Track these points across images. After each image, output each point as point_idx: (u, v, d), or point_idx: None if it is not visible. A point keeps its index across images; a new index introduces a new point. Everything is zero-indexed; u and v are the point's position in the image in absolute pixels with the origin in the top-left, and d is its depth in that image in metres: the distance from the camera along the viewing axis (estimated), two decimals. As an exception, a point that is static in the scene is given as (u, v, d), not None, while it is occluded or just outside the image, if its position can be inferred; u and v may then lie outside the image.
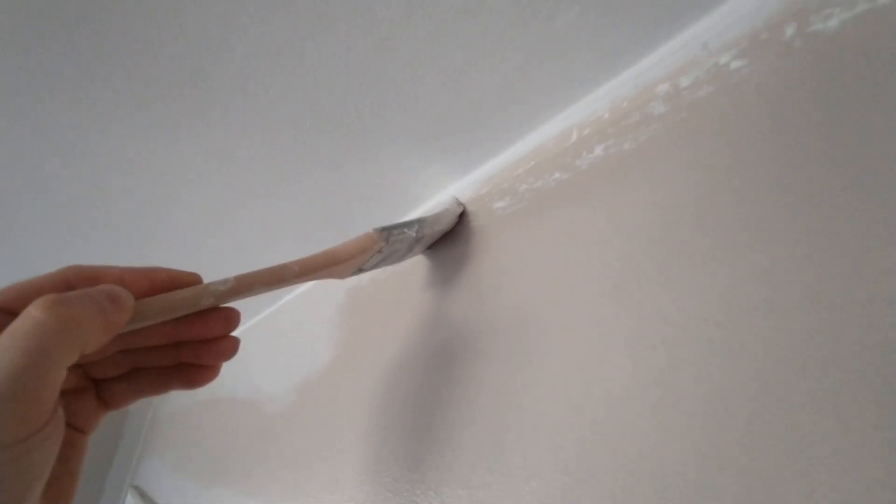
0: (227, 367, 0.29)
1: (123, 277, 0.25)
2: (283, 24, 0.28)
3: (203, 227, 0.54)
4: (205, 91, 0.33)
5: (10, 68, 0.32)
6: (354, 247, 0.33)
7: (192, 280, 0.26)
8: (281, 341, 0.67)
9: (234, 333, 0.29)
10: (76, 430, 0.26)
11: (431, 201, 0.45)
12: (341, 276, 0.35)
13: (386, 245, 0.34)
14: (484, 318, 0.34)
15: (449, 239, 0.41)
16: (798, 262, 0.19)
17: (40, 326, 0.20)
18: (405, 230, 0.35)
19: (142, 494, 0.93)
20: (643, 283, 0.24)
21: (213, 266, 0.62)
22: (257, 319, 0.75)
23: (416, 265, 0.44)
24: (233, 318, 0.28)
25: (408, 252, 0.39)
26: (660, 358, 0.23)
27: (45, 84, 0.33)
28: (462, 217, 0.40)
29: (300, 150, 0.39)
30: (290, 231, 0.53)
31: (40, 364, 0.19)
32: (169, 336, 0.27)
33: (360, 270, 0.36)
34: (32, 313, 0.20)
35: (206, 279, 0.27)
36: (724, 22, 0.25)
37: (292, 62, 0.30)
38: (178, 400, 0.96)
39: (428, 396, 0.36)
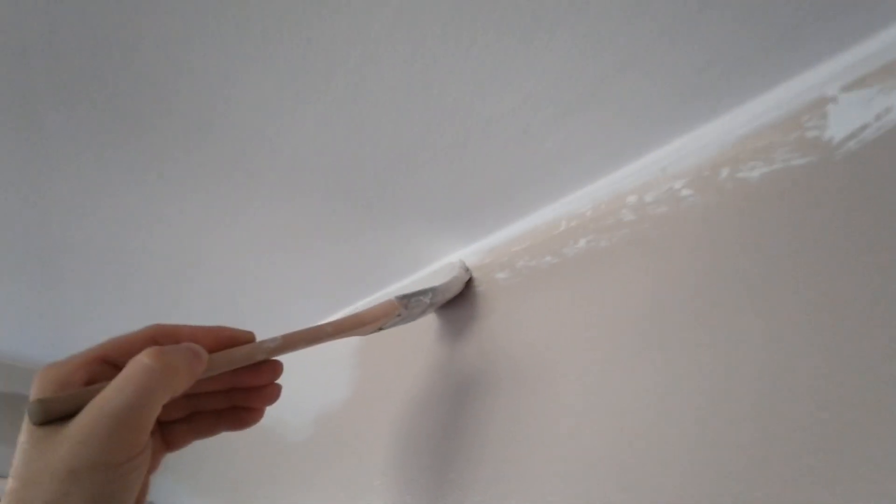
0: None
1: (196, 335, 0.30)
2: (315, 113, 0.34)
3: (232, 283, 0.60)
4: (240, 163, 0.39)
5: (37, 126, 0.37)
6: (378, 312, 0.39)
7: (248, 337, 0.32)
8: (300, 374, 0.73)
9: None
10: None
11: (438, 264, 0.51)
12: (364, 333, 0.41)
13: (405, 311, 0.40)
14: (485, 376, 0.40)
15: (456, 299, 0.47)
16: (707, 368, 0.25)
17: (150, 371, 0.25)
18: (421, 297, 0.41)
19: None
20: (607, 363, 0.30)
21: (242, 319, 0.69)
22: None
23: (428, 320, 0.50)
24: (278, 369, 0.34)
25: (421, 314, 0.45)
26: (627, 434, 0.28)
27: (67, 146, 0.39)
28: (469, 283, 0.46)
29: (326, 219, 0.45)
30: (313, 289, 0.59)
31: (148, 400, 0.25)
32: (226, 383, 0.33)
33: (380, 329, 0.42)
34: (143, 360, 0.25)
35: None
36: (679, 152, 0.31)
37: (324, 146, 0.37)
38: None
39: (439, 438, 0.42)
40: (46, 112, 0.36)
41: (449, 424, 0.41)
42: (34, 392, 0.27)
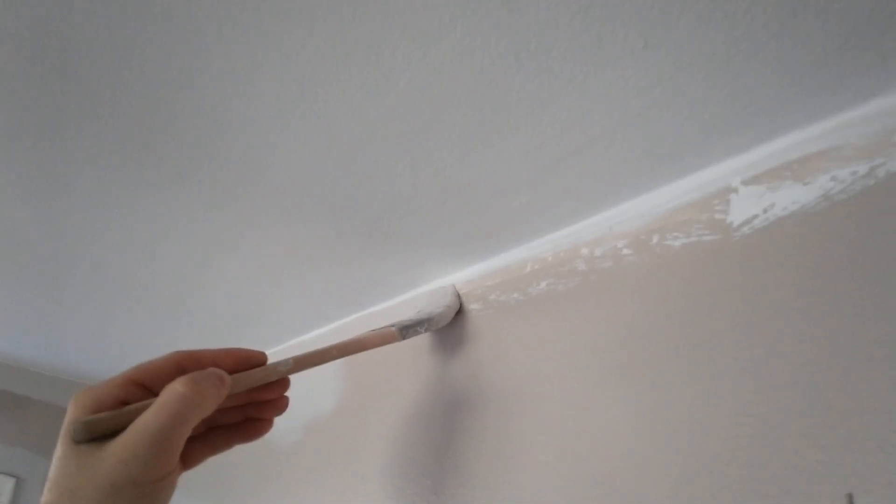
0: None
1: (217, 358, 0.33)
2: (320, 162, 0.40)
3: (229, 299, 0.65)
4: (246, 187, 0.43)
5: (40, 148, 0.40)
6: (378, 340, 0.43)
7: (261, 357, 0.36)
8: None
9: None
10: None
11: (421, 288, 0.57)
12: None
13: (402, 340, 0.44)
14: (475, 397, 0.46)
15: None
16: (637, 406, 0.32)
17: (183, 398, 0.28)
18: (419, 329, 0.45)
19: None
20: (556, 391, 0.37)
21: (238, 330, 0.74)
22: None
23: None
24: (286, 384, 0.38)
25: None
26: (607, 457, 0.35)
27: (79, 165, 0.42)
28: (458, 311, 0.50)
29: (324, 245, 0.51)
30: (307, 306, 0.64)
31: (180, 424, 0.28)
32: (242, 399, 0.36)
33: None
34: (177, 388, 0.28)
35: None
36: (623, 215, 0.37)
37: (325, 189, 0.42)
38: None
39: (430, 451, 0.48)
40: (65, 131, 0.39)
41: (440, 439, 0.47)
42: (72, 411, 0.29)
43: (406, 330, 0.44)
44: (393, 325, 0.44)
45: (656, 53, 0.27)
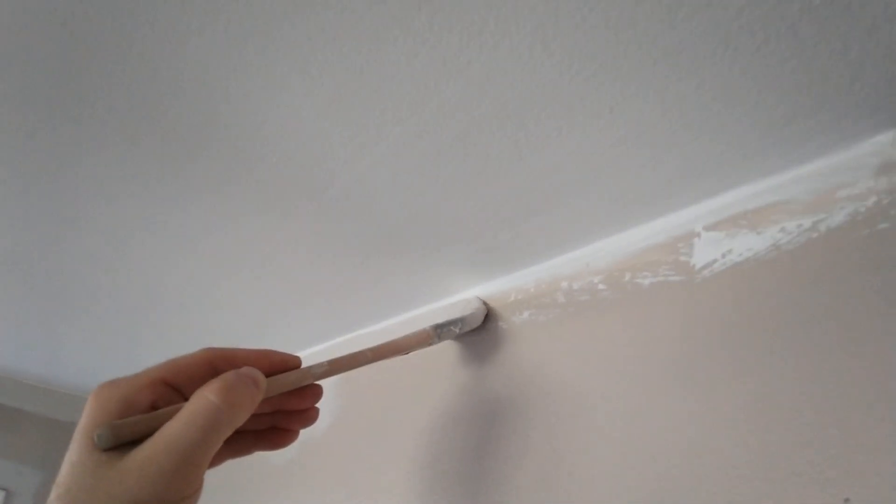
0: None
1: (250, 359, 0.31)
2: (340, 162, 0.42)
3: (232, 313, 0.67)
4: (240, 175, 0.40)
5: (33, 138, 0.38)
6: (413, 341, 0.42)
7: (295, 361, 0.34)
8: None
9: None
10: None
11: (416, 311, 0.59)
12: (397, 356, 0.43)
13: (437, 339, 0.44)
14: (462, 416, 0.48)
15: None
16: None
17: (216, 409, 0.25)
18: (452, 328, 0.45)
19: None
20: (552, 413, 0.39)
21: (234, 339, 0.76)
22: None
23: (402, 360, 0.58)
24: (318, 393, 0.35)
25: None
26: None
27: (58, 156, 0.39)
28: (487, 317, 0.49)
29: (343, 257, 0.53)
30: (307, 313, 0.66)
31: (210, 438, 0.25)
32: (273, 406, 0.33)
33: (406, 352, 0.43)
34: (208, 397, 0.26)
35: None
36: (599, 252, 0.40)
37: (366, 192, 0.43)
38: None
39: (465, 466, 0.50)
40: (50, 122, 0.36)
41: (431, 455, 0.49)
42: (94, 411, 0.27)
43: (440, 329, 0.43)
44: (427, 326, 0.43)
45: (621, 117, 0.29)
